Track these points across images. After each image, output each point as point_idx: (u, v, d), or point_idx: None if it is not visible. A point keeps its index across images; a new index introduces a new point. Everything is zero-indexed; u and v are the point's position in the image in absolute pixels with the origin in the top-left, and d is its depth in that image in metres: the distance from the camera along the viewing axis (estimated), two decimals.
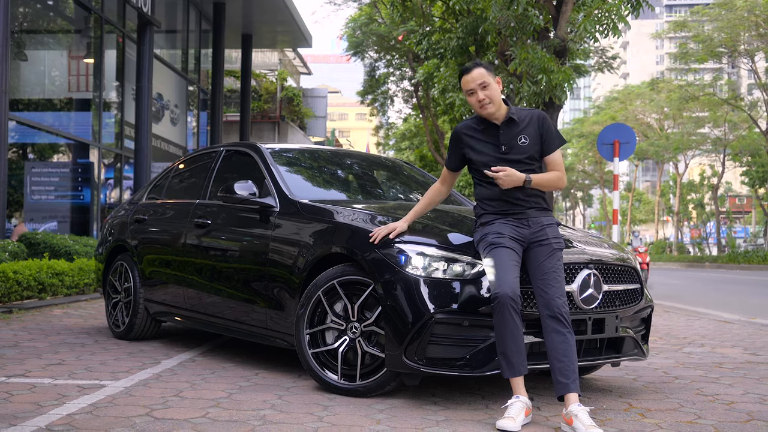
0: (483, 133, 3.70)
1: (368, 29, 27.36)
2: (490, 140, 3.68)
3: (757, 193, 46.69)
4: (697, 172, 59.16)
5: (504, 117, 3.68)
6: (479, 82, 3.62)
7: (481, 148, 3.69)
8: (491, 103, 3.63)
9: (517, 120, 3.67)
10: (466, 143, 3.74)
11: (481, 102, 3.63)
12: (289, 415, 3.37)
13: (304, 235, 4.22)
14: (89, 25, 13.41)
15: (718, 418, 3.54)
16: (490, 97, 3.62)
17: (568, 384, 3.32)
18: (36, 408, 3.40)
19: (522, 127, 3.67)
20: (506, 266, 3.43)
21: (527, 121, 3.69)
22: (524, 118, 3.69)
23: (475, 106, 3.66)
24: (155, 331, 5.74)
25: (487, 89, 3.62)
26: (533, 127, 3.68)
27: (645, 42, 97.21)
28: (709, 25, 32.55)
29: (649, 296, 4.28)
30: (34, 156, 13.29)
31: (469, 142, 3.73)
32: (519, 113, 3.70)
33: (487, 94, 3.62)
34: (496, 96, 3.64)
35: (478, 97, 3.63)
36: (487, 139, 3.69)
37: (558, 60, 10.86)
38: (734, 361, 5.34)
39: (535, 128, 3.68)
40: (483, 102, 3.63)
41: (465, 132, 3.75)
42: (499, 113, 3.68)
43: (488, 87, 3.62)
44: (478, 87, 3.62)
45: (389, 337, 3.61)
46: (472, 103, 3.67)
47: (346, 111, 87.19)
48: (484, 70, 3.65)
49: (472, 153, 3.72)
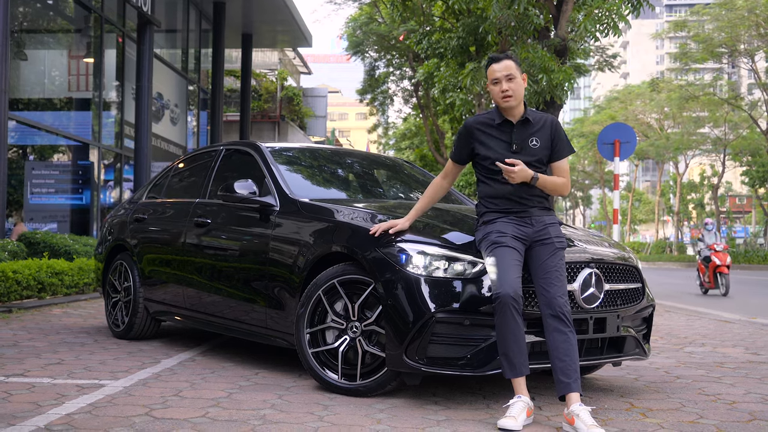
0: (496, 130, 3.69)
1: (368, 29, 27.36)
2: (503, 137, 3.67)
3: (757, 192, 46.71)
4: (697, 172, 59.20)
5: (520, 116, 3.67)
6: (506, 74, 3.61)
7: (493, 145, 3.67)
8: (513, 97, 3.61)
9: (531, 121, 3.67)
10: (477, 138, 3.72)
11: (504, 93, 3.61)
12: (290, 415, 3.35)
13: (305, 234, 4.20)
14: (89, 24, 13.40)
15: (720, 417, 3.52)
16: (514, 90, 3.61)
17: (569, 383, 3.31)
18: (35, 408, 3.39)
19: (535, 129, 3.67)
20: (508, 266, 3.42)
21: (541, 124, 3.69)
22: (538, 121, 3.70)
23: (497, 97, 3.64)
24: (155, 331, 5.73)
25: (512, 82, 3.61)
26: (546, 131, 3.68)
27: (645, 42, 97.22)
28: (710, 25, 32.55)
29: (651, 295, 4.27)
30: (34, 156, 13.27)
31: (480, 137, 3.71)
32: (534, 115, 3.70)
33: (511, 87, 3.60)
34: (519, 91, 3.63)
35: (501, 87, 3.61)
36: (500, 136, 3.67)
37: (558, 59, 10.84)
38: (736, 361, 5.32)
39: (548, 133, 3.68)
40: (506, 93, 3.61)
41: (477, 127, 3.73)
42: (517, 110, 3.67)
43: (514, 80, 3.61)
44: (503, 78, 3.61)
45: (390, 337, 3.59)
46: (494, 93, 3.64)
47: (346, 111, 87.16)
48: (513, 63, 3.64)
49: (482, 148, 3.69)
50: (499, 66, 3.64)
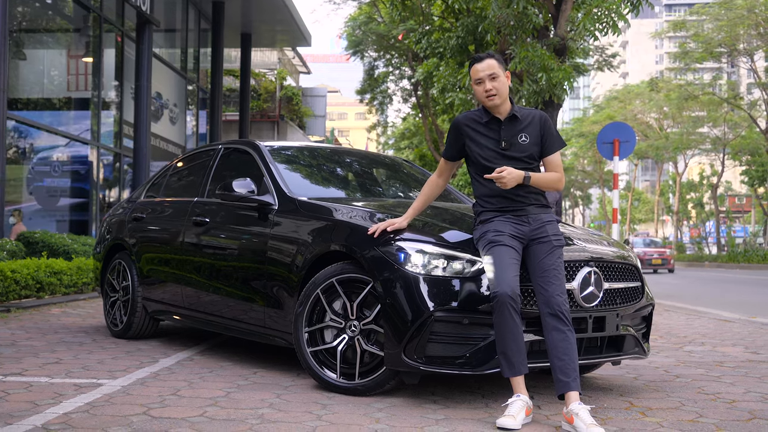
0: (484, 127, 3.68)
1: (368, 28, 27.36)
2: (491, 135, 3.66)
3: (757, 192, 46.69)
4: (696, 172, 59.17)
5: (507, 113, 3.66)
6: (489, 73, 3.61)
7: (482, 141, 3.67)
8: (497, 95, 3.61)
9: (519, 118, 3.66)
10: (467, 134, 3.71)
11: (487, 92, 3.61)
12: (288, 414, 3.34)
13: (303, 232, 4.19)
14: (88, 24, 13.38)
15: (720, 416, 3.51)
16: (498, 89, 3.60)
17: (568, 382, 3.30)
18: (32, 407, 3.37)
19: (524, 125, 3.66)
20: (506, 265, 3.40)
21: (529, 120, 3.68)
22: (526, 117, 3.68)
23: (481, 96, 3.64)
24: (153, 330, 5.71)
25: (495, 81, 3.60)
26: (535, 126, 3.67)
27: (644, 41, 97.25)
28: (709, 24, 32.54)
29: (650, 294, 4.26)
30: (33, 155, 13.25)
31: (470, 134, 3.70)
32: (521, 111, 3.69)
33: (494, 86, 3.60)
34: (503, 89, 3.62)
35: (485, 87, 3.61)
36: (488, 133, 3.67)
37: (558, 58, 10.84)
38: (735, 360, 5.31)
39: (537, 128, 3.67)
40: (489, 92, 3.60)
41: (466, 123, 3.73)
42: (503, 108, 3.66)
43: (497, 79, 3.61)
44: (487, 77, 3.61)
45: (388, 336, 3.58)
46: (478, 93, 3.65)
47: (345, 110, 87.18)
48: (495, 62, 3.64)
49: (472, 145, 3.69)
50: (481, 65, 3.63)
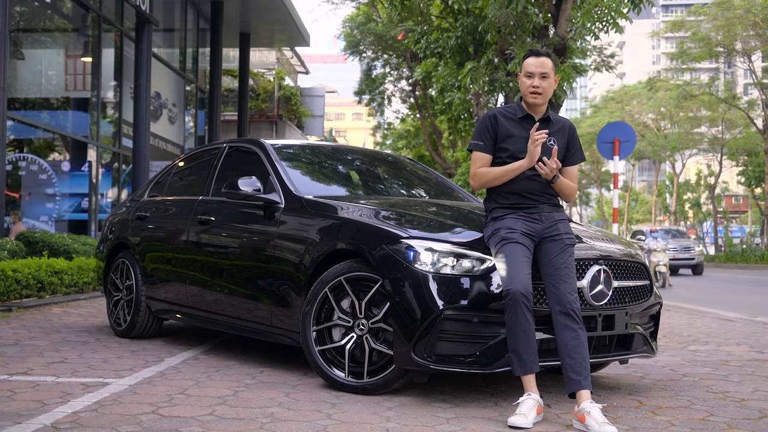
0: (517, 124, 3.69)
1: (366, 28, 27.36)
2: (523, 133, 3.65)
3: (754, 192, 46.74)
4: (693, 172, 59.24)
5: (542, 115, 3.69)
6: (541, 71, 3.62)
7: (517, 134, 3.66)
8: (542, 94, 3.63)
9: (552, 121, 3.70)
10: (502, 125, 3.69)
11: (534, 88, 3.62)
12: (298, 413, 3.32)
13: (310, 231, 4.17)
14: (87, 23, 13.33)
15: (731, 415, 3.50)
16: (544, 89, 3.62)
17: (580, 381, 3.28)
18: (40, 406, 3.35)
19: (554, 129, 3.70)
20: (518, 262, 3.39)
21: (560, 126, 3.72)
22: (557, 122, 3.73)
23: (525, 90, 3.65)
24: (157, 329, 5.69)
25: (545, 80, 3.62)
26: (564, 134, 3.72)
27: (641, 42, 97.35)
28: (707, 24, 32.58)
29: (658, 292, 4.25)
30: (32, 155, 13.21)
31: (505, 125, 3.69)
32: (554, 116, 3.73)
33: (542, 84, 3.61)
34: (549, 91, 3.64)
35: (533, 83, 3.62)
36: (520, 131, 3.67)
37: (558, 58, 10.83)
38: (741, 359, 5.31)
39: (566, 136, 3.72)
40: (536, 89, 3.62)
41: (504, 115, 3.73)
42: (541, 109, 3.69)
43: (547, 79, 3.62)
44: (538, 74, 3.62)
45: (397, 334, 3.56)
46: (524, 86, 3.65)
47: (343, 111, 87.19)
48: (551, 63, 3.65)
49: (507, 137, 3.67)
50: (535, 61, 3.64)
